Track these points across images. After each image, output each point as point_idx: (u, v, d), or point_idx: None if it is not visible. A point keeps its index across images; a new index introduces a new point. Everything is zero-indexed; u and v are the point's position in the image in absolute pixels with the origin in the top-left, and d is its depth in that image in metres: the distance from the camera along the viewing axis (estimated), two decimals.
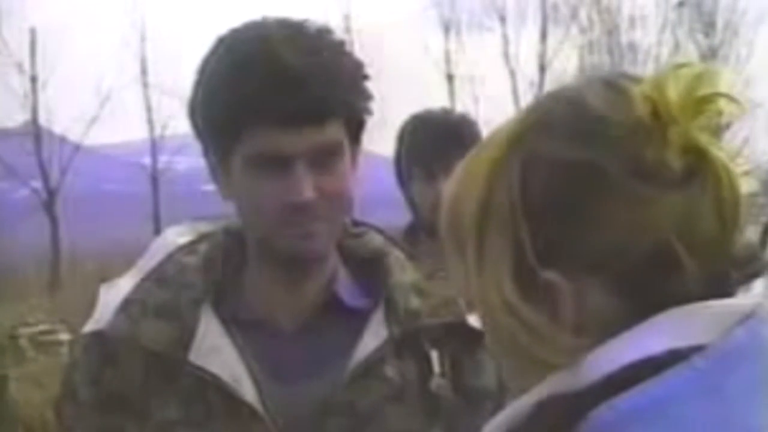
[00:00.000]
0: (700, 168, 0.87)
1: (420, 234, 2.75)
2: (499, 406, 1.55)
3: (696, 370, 0.84)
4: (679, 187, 0.86)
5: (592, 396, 0.84)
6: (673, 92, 0.87)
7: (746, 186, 0.88)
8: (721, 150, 0.88)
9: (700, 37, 25.14)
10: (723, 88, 0.88)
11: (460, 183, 0.95)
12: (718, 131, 0.90)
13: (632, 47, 25.25)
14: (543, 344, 0.88)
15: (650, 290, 0.87)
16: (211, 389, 1.42)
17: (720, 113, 0.89)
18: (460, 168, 0.97)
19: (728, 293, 0.89)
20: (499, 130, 0.94)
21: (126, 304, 1.46)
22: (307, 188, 1.38)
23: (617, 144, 0.87)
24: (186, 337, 1.43)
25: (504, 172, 0.90)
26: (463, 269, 0.94)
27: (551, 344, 0.88)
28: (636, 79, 0.90)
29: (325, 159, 1.40)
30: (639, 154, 0.86)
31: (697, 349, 0.85)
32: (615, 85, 0.90)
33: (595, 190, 0.87)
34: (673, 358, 0.84)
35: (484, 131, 2.88)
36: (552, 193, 0.88)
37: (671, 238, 0.85)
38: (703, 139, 0.87)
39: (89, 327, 1.48)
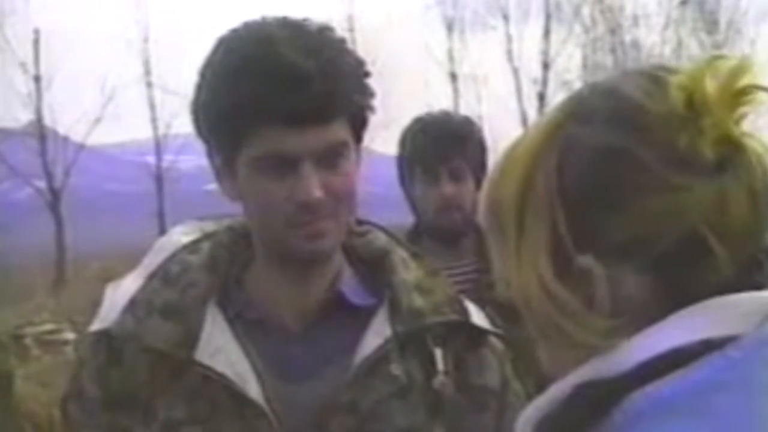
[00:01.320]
0: (734, 158, 0.88)
1: (423, 236, 2.75)
2: (502, 405, 1.56)
3: (729, 359, 0.85)
4: (712, 176, 0.87)
5: (626, 384, 0.85)
6: (710, 83, 0.88)
7: None
8: (756, 141, 0.89)
9: (702, 35, 25.11)
10: (759, 80, 0.90)
11: (501, 169, 0.97)
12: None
13: (635, 45, 25.22)
14: (578, 326, 0.90)
15: (682, 277, 0.88)
16: (217, 388, 1.43)
17: (757, 105, 0.90)
18: (502, 154, 0.99)
19: (762, 283, 0.90)
20: (539, 121, 0.98)
21: (132, 303, 1.47)
22: (314, 187, 1.39)
23: (651, 131, 0.88)
24: (192, 336, 1.44)
25: (543, 158, 0.92)
26: (502, 252, 0.96)
27: (585, 327, 0.89)
28: (674, 71, 0.92)
29: (330, 158, 1.40)
30: (672, 142, 0.87)
31: (731, 339, 0.86)
32: (652, 76, 0.92)
33: (628, 176, 0.88)
34: (707, 348, 0.85)
35: (488, 129, 2.89)
36: (586, 178, 0.90)
37: (702, 226, 0.87)
38: (738, 130, 0.88)
39: (95, 326, 1.49)
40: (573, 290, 0.90)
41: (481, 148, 2.78)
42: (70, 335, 9.72)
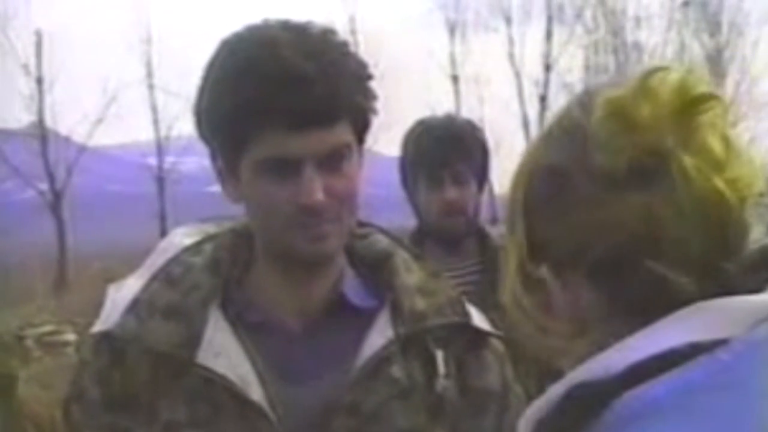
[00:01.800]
0: (662, 170, 0.89)
1: (425, 239, 2.75)
2: (502, 407, 1.56)
3: (719, 362, 0.86)
4: (637, 189, 0.89)
5: (616, 386, 0.87)
6: (634, 95, 0.91)
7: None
8: (691, 153, 0.90)
9: (705, 37, 25.12)
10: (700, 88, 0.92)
11: (516, 169, 1.03)
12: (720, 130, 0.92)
13: (637, 47, 25.23)
14: (543, 332, 0.98)
15: (622, 287, 0.92)
16: (219, 389, 1.43)
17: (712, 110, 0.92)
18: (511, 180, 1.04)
19: (759, 287, 0.90)
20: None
21: (134, 305, 1.47)
22: (317, 190, 1.39)
23: (580, 148, 0.92)
24: (194, 337, 1.44)
25: (522, 180, 1.00)
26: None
27: (550, 332, 0.97)
28: (617, 84, 0.94)
29: (333, 160, 1.41)
30: (590, 158, 0.91)
31: (721, 343, 0.86)
32: (590, 92, 0.97)
33: (562, 192, 0.94)
34: (696, 351, 0.86)
35: (490, 132, 2.88)
36: (535, 194, 0.97)
37: (631, 239, 0.90)
38: (668, 142, 0.90)
39: (97, 327, 1.49)
40: (535, 298, 0.98)
41: (484, 152, 2.78)
42: (71, 336, 9.72)
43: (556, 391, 0.92)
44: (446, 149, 2.69)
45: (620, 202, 0.90)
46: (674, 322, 0.88)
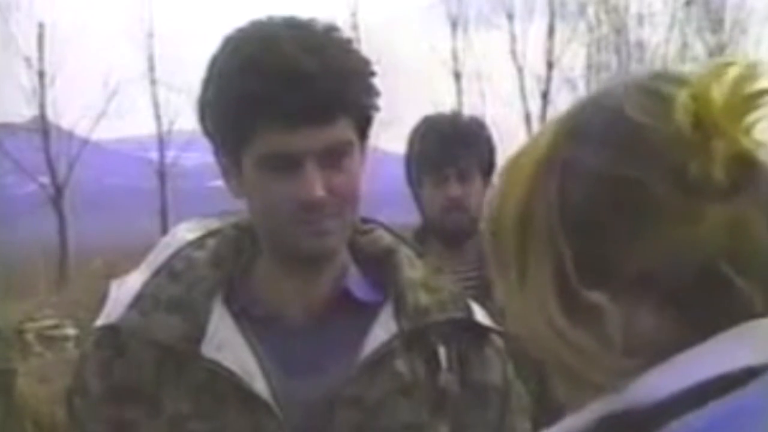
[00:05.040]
0: (749, 178, 0.82)
1: (429, 236, 2.75)
2: (504, 402, 1.57)
3: None
4: (725, 201, 0.81)
5: (660, 414, 0.79)
6: (717, 97, 0.82)
7: None
8: None
9: (707, 35, 25.11)
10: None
11: (500, 193, 0.91)
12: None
13: (640, 45, 25.23)
14: (591, 366, 0.84)
15: (702, 309, 0.82)
16: (223, 382, 1.44)
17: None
18: (500, 177, 0.92)
19: None
20: (538, 136, 0.91)
21: (137, 299, 1.47)
22: (317, 187, 1.39)
23: (657, 157, 0.82)
24: (198, 330, 1.45)
25: (542, 184, 0.86)
26: (504, 283, 0.90)
27: (600, 367, 0.84)
28: (679, 81, 0.85)
29: (335, 157, 1.41)
30: (681, 167, 0.81)
31: None
32: (655, 92, 0.85)
33: (635, 206, 0.82)
34: (746, 375, 0.79)
35: (492, 128, 2.88)
36: (592, 209, 0.84)
37: (719, 255, 0.81)
38: (751, 145, 0.82)
39: (100, 321, 1.49)
40: (584, 328, 0.84)
41: (490, 149, 2.78)
42: (71, 331, 9.73)
43: (593, 413, 0.83)
44: (452, 146, 2.70)
45: (713, 212, 0.80)
46: (718, 345, 0.80)
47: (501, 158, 2.80)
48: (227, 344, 1.45)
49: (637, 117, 0.83)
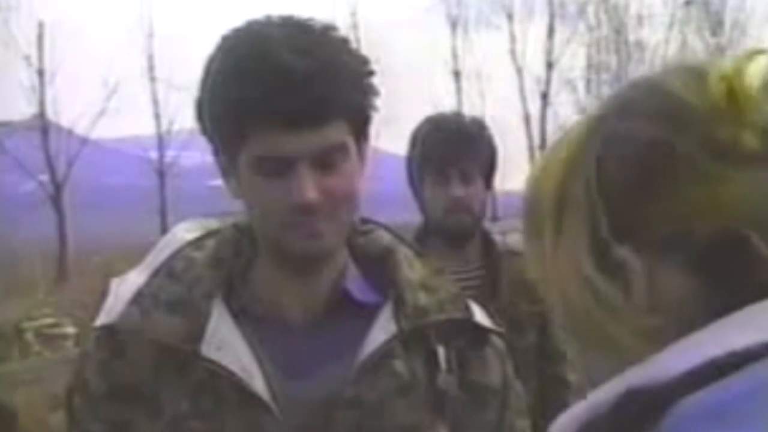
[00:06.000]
0: None
1: (431, 236, 2.75)
2: (503, 403, 1.57)
3: None
4: (755, 167, 0.84)
5: (675, 390, 0.81)
6: (753, 72, 0.86)
7: None
8: None
9: (707, 35, 25.13)
10: None
11: (541, 166, 0.95)
12: None
13: (639, 45, 25.25)
14: (617, 322, 0.88)
15: (725, 274, 0.85)
16: (223, 382, 1.44)
17: None
18: (544, 153, 0.97)
19: None
20: (577, 121, 0.96)
21: (137, 298, 1.47)
22: (309, 189, 1.39)
23: (691, 123, 0.86)
24: (197, 330, 1.45)
25: (583, 153, 0.91)
26: (539, 250, 0.94)
27: (625, 322, 0.87)
28: (715, 63, 0.90)
29: (328, 159, 1.41)
30: (712, 133, 0.84)
31: None
32: (694, 69, 0.90)
33: (667, 167, 0.86)
34: (759, 352, 0.81)
35: (491, 128, 2.89)
36: (625, 170, 0.88)
37: (745, 222, 0.83)
38: None
39: (100, 320, 1.49)
40: (612, 281, 0.88)
41: (491, 150, 2.78)
42: (70, 329, 9.71)
43: (610, 390, 0.85)
44: (454, 147, 2.70)
45: (741, 177, 0.83)
46: (734, 321, 0.83)
47: (499, 157, 2.81)
48: (227, 344, 1.45)
49: (675, 89, 0.88)
